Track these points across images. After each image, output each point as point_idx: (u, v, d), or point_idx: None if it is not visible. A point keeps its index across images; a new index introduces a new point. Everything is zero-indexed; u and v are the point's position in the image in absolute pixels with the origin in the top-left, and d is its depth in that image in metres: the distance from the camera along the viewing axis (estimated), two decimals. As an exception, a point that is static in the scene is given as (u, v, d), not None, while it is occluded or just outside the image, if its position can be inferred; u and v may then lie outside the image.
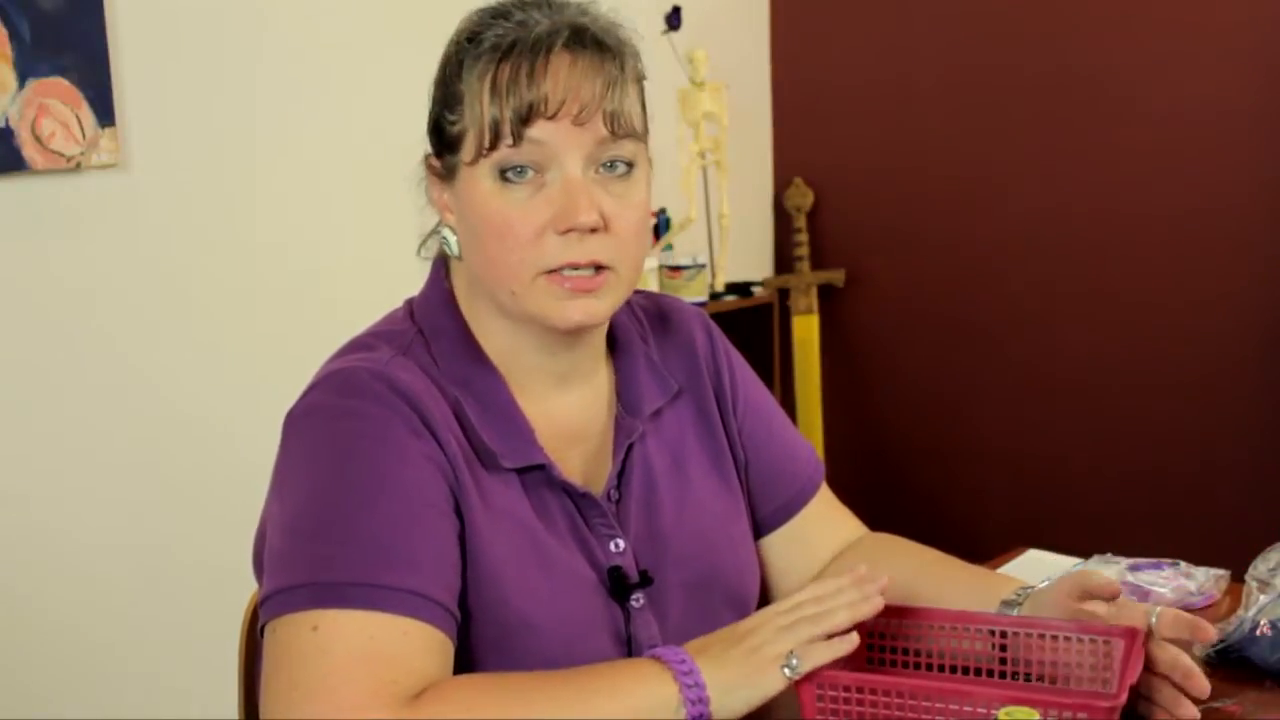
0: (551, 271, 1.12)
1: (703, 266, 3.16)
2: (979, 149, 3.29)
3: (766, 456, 1.34)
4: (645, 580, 1.19)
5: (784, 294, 3.52)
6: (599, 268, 1.12)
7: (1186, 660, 1.10)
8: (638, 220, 1.15)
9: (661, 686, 1.02)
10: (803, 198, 3.55)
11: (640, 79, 1.17)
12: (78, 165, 2.15)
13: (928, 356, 3.46)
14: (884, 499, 3.51)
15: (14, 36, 2.04)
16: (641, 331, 1.30)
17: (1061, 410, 3.27)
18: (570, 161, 1.11)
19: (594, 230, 1.11)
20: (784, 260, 3.63)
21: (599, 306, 1.14)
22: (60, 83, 2.10)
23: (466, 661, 1.10)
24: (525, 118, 1.09)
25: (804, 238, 3.54)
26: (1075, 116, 3.14)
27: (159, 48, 2.27)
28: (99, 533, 2.24)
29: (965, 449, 3.43)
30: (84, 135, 2.14)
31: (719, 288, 3.34)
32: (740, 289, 3.39)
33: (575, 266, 1.11)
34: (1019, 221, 3.26)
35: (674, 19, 3.12)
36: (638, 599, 1.18)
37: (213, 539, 2.34)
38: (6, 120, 2.05)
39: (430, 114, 1.19)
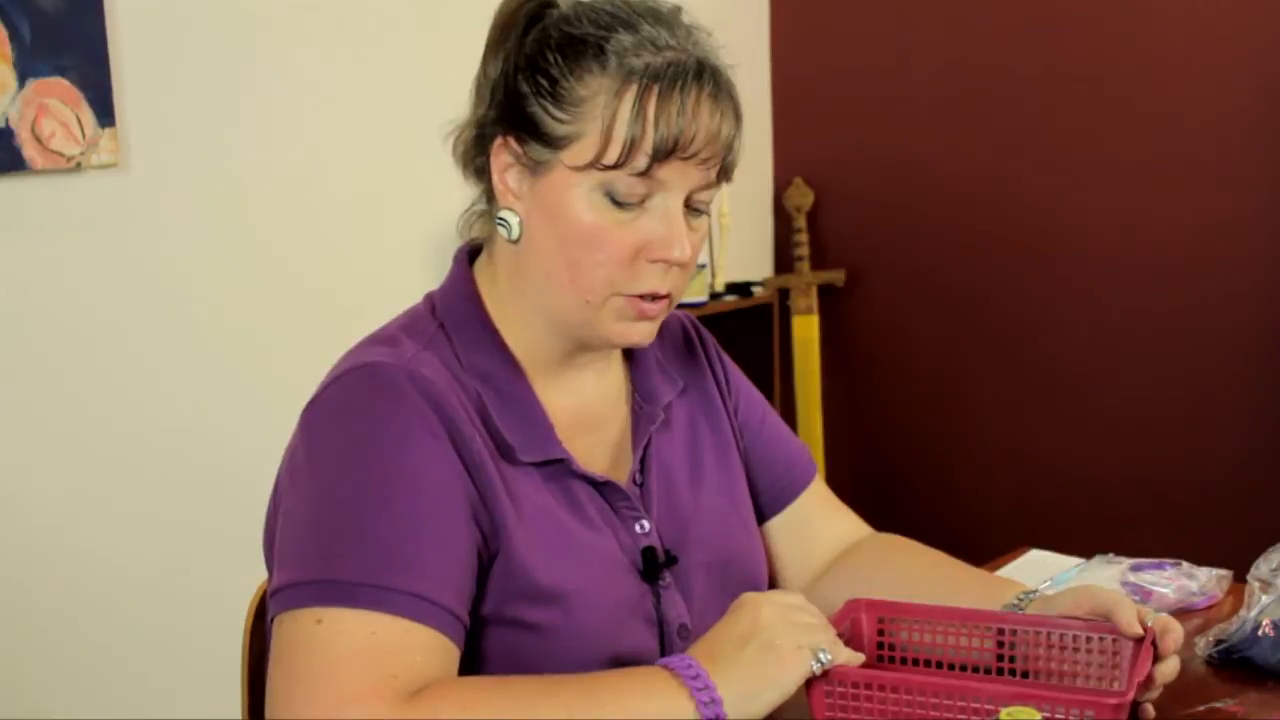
0: (629, 295, 1.14)
1: (703, 266, 3.16)
2: (980, 148, 3.29)
3: (761, 443, 1.37)
4: (671, 560, 1.20)
5: (784, 294, 3.52)
6: (661, 296, 1.15)
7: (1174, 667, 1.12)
8: (697, 254, 1.18)
9: (673, 698, 1.01)
10: (803, 198, 3.55)
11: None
12: (78, 165, 2.15)
13: (928, 356, 3.46)
14: (884, 499, 3.51)
15: (14, 36, 2.04)
16: None
17: (1062, 409, 3.27)
18: (675, 195, 1.13)
19: (679, 265, 1.14)
20: (784, 260, 3.63)
21: (653, 330, 1.18)
22: (60, 83, 2.10)
23: (504, 657, 1.11)
24: (665, 154, 1.10)
25: (804, 238, 3.54)
26: (1077, 115, 3.14)
27: (159, 48, 2.27)
28: (98, 533, 2.24)
29: (966, 449, 3.43)
30: (84, 135, 2.14)
31: (719, 288, 3.34)
32: (740, 289, 3.39)
33: (654, 296, 1.14)
34: (1020, 221, 3.26)
35: (674, 19, 3.11)
36: (665, 579, 1.20)
37: (212, 540, 2.34)
38: (6, 120, 2.05)
39: (514, 94, 1.14)
